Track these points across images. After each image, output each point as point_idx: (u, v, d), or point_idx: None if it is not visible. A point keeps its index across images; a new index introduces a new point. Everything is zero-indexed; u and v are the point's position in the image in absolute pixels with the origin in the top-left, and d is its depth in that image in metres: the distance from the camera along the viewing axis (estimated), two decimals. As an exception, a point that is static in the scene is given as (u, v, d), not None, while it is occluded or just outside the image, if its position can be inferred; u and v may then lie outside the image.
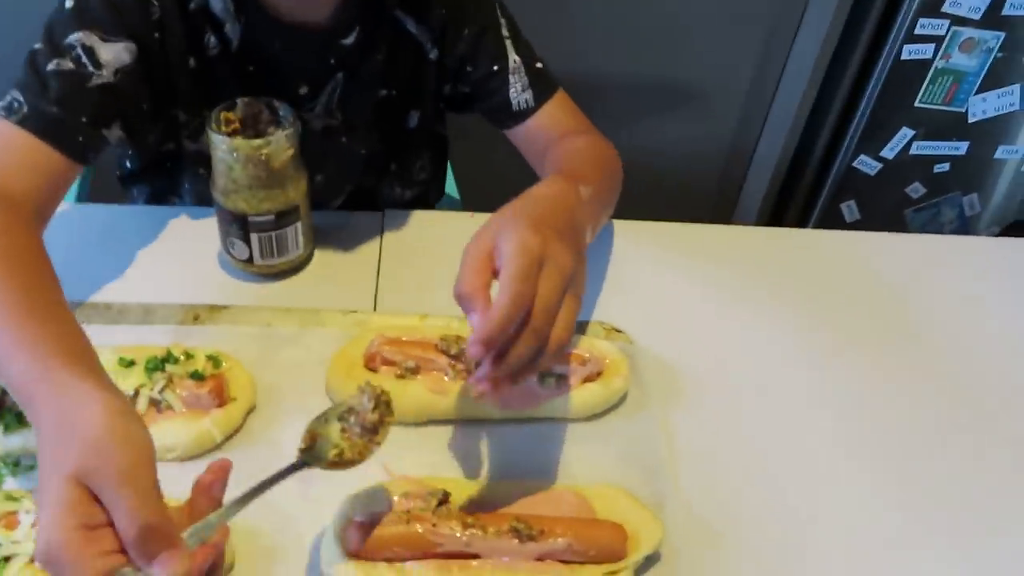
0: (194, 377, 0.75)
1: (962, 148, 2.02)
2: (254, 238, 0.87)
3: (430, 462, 0.75)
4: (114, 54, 0.82)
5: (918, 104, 1.93)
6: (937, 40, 1.83)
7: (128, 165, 1.07)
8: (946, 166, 2.05)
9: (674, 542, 0.70)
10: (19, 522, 0.63)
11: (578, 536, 0.65)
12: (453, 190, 1.36)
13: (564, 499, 0.69)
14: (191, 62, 0.90)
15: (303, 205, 0.89)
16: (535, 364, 0.62)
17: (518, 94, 0.98)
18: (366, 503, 0.66)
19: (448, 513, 0.66)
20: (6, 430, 0.70)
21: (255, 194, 0.84)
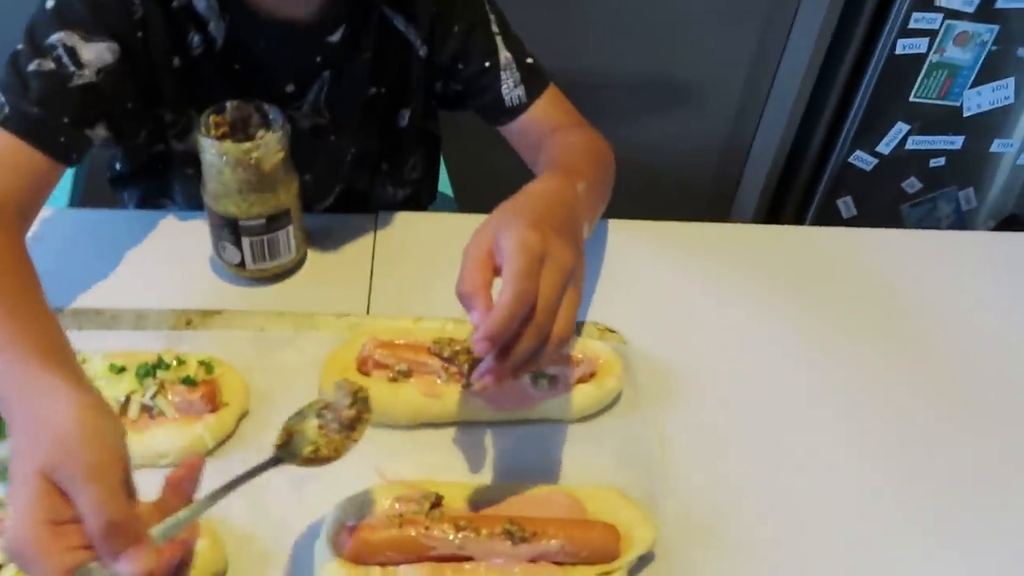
0: (186, 383, 0.75)
1: (957, 142, 2.02)
2: (245, 242, 0.87)
3: (423, 465, 0.74)
4: (96, 54, 0.82)
5: (913, 99, 1.92)
6: (931, 34, 1.82)
7: (118, 167, 1.07)
8: (942, 160, 2.05)
9: (667, 542, 0.70)
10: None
11: (571, 537, 0.65)
12: (447, 188, 1.36)
13: (556, 500, 0.69)
14: (175, 61, 0.90)
15: (294, 208, 0.88)
16: (537, 358, 0.62)
17: (510, 90, 0.97)
18: (359, 507, 0.66)
19: (441, 516, 0.66)
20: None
21: (245, 198, 0.84)
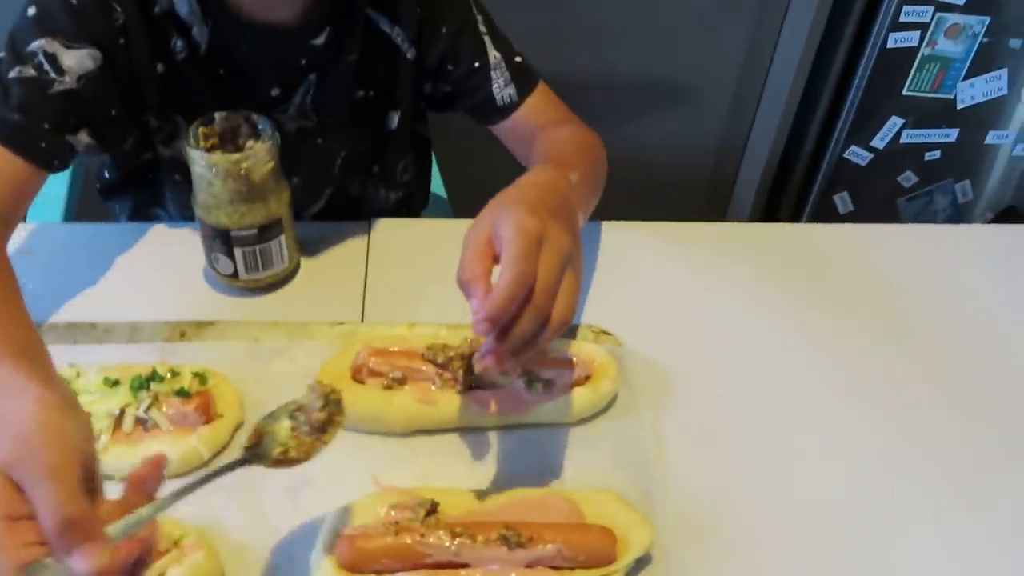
0: (180, 395, 0.74)
1: (952, 135, 2.01)
2: (238, 253, 0.87)
3: (419, 472, 0.74)
4: (77, 60, 0.83)
5: (906, 92, 1.92)
6: (922, 27, 1.82)
7: (107, 176, 1.07)
8: (937, 154, 2.05)
9: (665, 544, 0.70)
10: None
11: (567, 541, 0.65)
12: (440, 190, 1.36)
13: (553, 504, 0.69)
14: (159, 67, 0.90)
15: (286, 217, 0.88)
16: (537, 340, 0.63)
17: (501, 89, 0.98)
18: (355, 515, 0.66)
19: (437, 523, 0.65)
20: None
21: (236, 208, 0.84)
